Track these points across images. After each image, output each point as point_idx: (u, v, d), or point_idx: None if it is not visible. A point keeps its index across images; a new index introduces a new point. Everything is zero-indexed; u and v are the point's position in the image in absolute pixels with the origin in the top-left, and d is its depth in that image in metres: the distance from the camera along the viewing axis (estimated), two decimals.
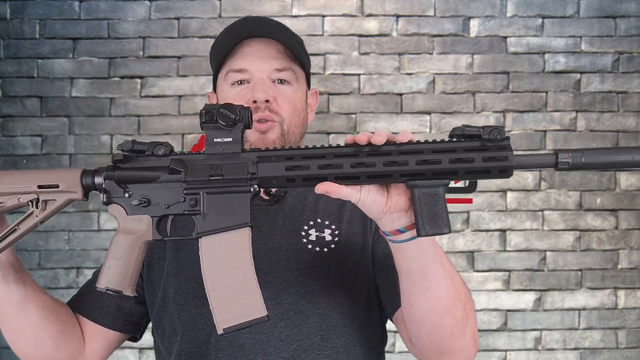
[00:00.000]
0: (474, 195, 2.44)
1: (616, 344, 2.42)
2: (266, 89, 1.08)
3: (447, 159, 0.82)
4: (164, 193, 0.87)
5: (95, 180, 0.87)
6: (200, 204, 0.86)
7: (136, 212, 0.87)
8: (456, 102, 2.46)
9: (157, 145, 0.87)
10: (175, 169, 0.85)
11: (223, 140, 0.87)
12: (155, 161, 0.87)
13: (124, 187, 0.87)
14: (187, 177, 0.85)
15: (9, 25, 2.45)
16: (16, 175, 0.87)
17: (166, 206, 0.87)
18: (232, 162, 0.85)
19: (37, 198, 0.85)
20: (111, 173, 0.86)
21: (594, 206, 2.45)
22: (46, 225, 2.43)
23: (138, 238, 0.87)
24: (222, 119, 0.86)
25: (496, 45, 2.47)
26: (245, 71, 1.10)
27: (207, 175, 0.85)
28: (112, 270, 0.87)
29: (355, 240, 1.10)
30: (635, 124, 2.46)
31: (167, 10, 2.46)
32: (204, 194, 0.86)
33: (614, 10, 2.47)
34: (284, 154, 0.85)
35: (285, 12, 2.45)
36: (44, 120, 2.44)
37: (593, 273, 2.43)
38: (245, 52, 1.10)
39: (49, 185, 0.85)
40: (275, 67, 1.10)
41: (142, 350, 2.38)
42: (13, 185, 0.85)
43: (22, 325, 0.96)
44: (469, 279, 2.41)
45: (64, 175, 0.86)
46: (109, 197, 0.88)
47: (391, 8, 2.46)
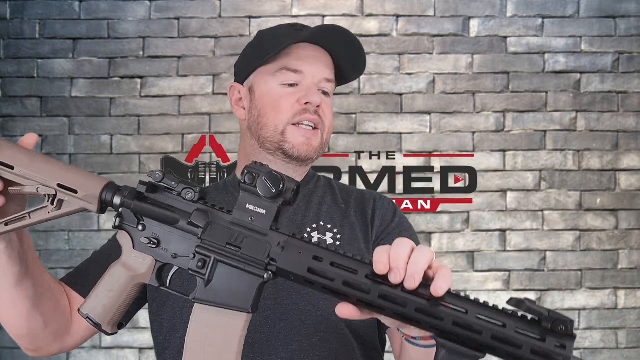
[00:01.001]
0: (474, 195, 2.44)
1: (616, 344, 2.42)
2: (318, 93, 1.08)
3: (490, 333, 0.67)
4: (177, 241, 0.80)
5: (114, 199, 0.81)
6: (207, 268, 0.78)
7: (142, 249, 0.81)
8: (456, 102, 2.46)
9: (187, 188, 0.80)
10: (194, 223, 0.79)
11: (255, 210, 0.77)
12: (180, 203, 0.80)
13: (139, 218, 0.81)
14: (204, 235, 0.78)
15: (9, 25, 2.45)
16: (44, 164, 0.83)
17: (174, 256, 0.80)
18: (256, 237, 0.77)
19: (54, 195, 0.82)
20: (129, 201, 0.80)
21: (594, 206, 2.45)
22: (46, 225, 2.44)
23: (134, 277, 0.82)
24: (263, 189, 0.76)
25: (496, 45, 2.47)
26: (301, 73, 1.08)
27: (224, 241, 0.77)
28: (99, 300, 0.83)
29: (358, 247, 1.10)
30: (635, 124, 2.46)
31: (167, 10, 2.46)
32: (214, 260, 0.78)
33: (614, 10, 2.47)
34: (314, 251, 0.74)
35: (285, 12, 2.45)
36: (44, 120, 2.44)
37: (593, 273, 2.43)
38: (302, 55, 1.09)
39: (68, 189, 0.81)
40: (326, 76, 1.10)
41: (142, 350, 2.38)
42: (36, 174, 0.82)
43: (17, 298, 0.94)
44: (469, 279, 2.41)
45: (86, 182, 0.82)
46: (121, 222, 0.82)
47: (391, 8, 2.46)
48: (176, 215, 0.80)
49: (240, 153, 1.18)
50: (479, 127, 2.46)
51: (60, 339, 1.03)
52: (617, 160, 2.45)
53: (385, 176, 2.44)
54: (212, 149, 2.44)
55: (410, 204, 2.43)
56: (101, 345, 2.39)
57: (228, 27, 2.46)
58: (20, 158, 0.83)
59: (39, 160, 0.83)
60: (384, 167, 2.44)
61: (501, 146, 2.46)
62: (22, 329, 0.98)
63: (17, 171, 0.82)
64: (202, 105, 2.45)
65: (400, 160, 2.45)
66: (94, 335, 1.09)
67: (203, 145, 2.44)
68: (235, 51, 2.44)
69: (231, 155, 2.44)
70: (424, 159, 2.45)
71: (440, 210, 2.43)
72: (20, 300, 0.94)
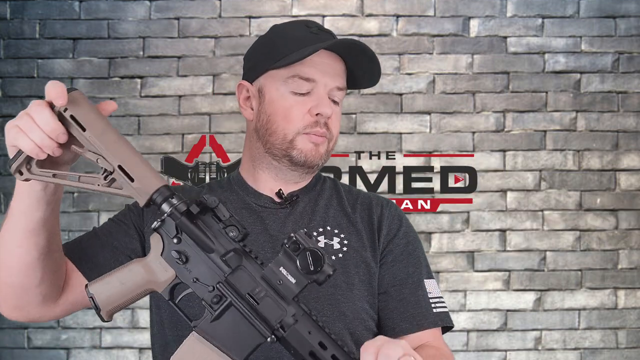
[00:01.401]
0: (474, 195, 2.44)
1: (616, 344, 2.42)
2: (329, 104, 1.07)
3: None
4: (203, 267, 0.81)
5: (163, 205, 0.80)
6: (220, 306, 0.80)
7: (169, 260, 0.82)
8: (456, 102, 2.46)
9: (233, 225, 0.80)
10: (226, 262, 0.80)
11: (286, 276, 0.78)
12: (221, 235, 0.81)
13: (178, 231, 0.81)
14: (230, 276, 0.79)
15: (9, 25, 2.45)
16: (114, 139, 0.81)
17: (194, 280, 0.81)
18: (276, 300, 0.79)
19: (111, 173, 0.81)
20: (178, 215, 0.80)
21: (594, 206, 2.45)
22: None
23: (150, 282, 0.83)
24: (302, 262, 0.77)
25: (496, 45, 2.47)
26: (313, 81, 1.06)
27: (247, 290, 0.79)
28: (109, 287, 0.83)
29: (365, 254, 1.10)
30: (635, 124, 2.46)
31: (167, 10, 2.46)
32: (230, 302, 0.79)
33: (614, 10, 2.47)
34: (322, 337, 0.78)
35: (285, 12, 2.45)
36: None
37: (593, 273, 2.43)
38: (316, 62, 1.06)
39: (127, 174, 0.80)
40: (338, 85, 1.08)
41: (142, 350, 2.38)
42: (103, 146, 0.80)
43: (27, 244, 0.90)
44: (469, 279, 2.42)
45: (145, 176, 0.80)
46: (161, 226, 0.82)
47: (391, 8, 2.46)
48: (214, 245, 0.80)
49: (245, 153, 1.16)
50: (479, 127, 2.46)
51: (47, 304, 0.98)
52: (617, 160, 2.45)
53: (385, 176, 2.44)
54: (212, 149, 2.44)
55: (410, 204, 2.43)
56: (101, 345, 2.39)
57: (228, 27, 2.46)
58: (95, 124, 0.81)
59: (111, 133, 0.82)
60: (384, 167, 2.45)
61: (501, 146, 2.46)
62: (17, 276, 0.92)
63: (87, 135, 0.80)
64: (202, 105, 2.45)
65: (400, 160, 2.45)
66: (77, 312, 1.06)
67: (203, 145, 2.44)
68: (235, 51, 2.44)
69: (231, 155, 2.44)
70: (424, 159, 2.45)
71: (440, 210, 2.43)
72: (29, 246, 0.90)
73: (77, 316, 2.39)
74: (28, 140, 0.78)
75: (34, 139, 0.78)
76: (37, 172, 0.82)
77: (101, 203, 2.41)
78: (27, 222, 0.88)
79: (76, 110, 0.80)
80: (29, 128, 0.78)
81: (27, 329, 2.39)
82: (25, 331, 2.38)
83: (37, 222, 0.88)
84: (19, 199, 0.87)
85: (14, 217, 0.89)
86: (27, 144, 0.78)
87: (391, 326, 1.09)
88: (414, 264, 1.13)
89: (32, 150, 0.78)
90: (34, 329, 2.39)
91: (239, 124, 2.43)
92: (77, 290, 1.01)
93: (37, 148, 0.78)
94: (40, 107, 0.78)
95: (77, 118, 0.80)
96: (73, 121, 0.80)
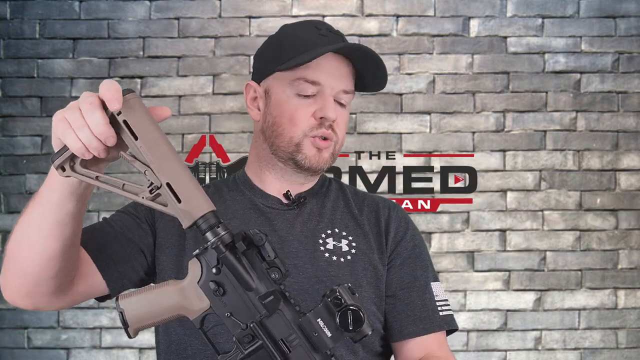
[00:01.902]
0: (474, 195, 2.44)
1: (616, 344, 2.42)
2: (334, 107, 1.06)
3: None
4: (239, 304, 0.78)
5: (207, 233, 0.77)
6: (251, 347, 0.77)
7: (206, 291, 0.79)
8: (456, 102, 2.46)
9: (275, 267, 0.77)
10: (265, 306, 0.77)
11: (323, 329, 0.76)
12: (263, 275, 0.78)
13: (220, 263, 0.78)
14: (267, 319, 0.77)
15: (9, 25, 2.45)
16: (166, 154, 0.77)
17: (228, 314, 0.78)
18: (309, 352, 0.77)
19: (157, 187, 0.77)
20: (222, 249, 0.76)
21: (594, 206, 2.45)
22: None
23: (183, 308, 0.80)
24: (342, 320, 0.75)
25: (496, 45, 2.47)
26: (318, 84, 1.05)
27: (281, 336, 0.77)
28: (139, 306, 0.80)
29: (373, 257, 1.10)
30: (635, 124, 2.46)
31: (167, 10, 2.46)
32: (261, 345, 0.77)
33: (614, 10, 2.47)
34: None
35: (285, 12, 2.45)
36: (44, 120, 2.44)
37: (593, 273, 2.43)
38: (322, 65, 1.05)
39: (174, 194, 0.76)
40: (344, 88, 1.07)
41: (142, 350, 2.38)
42: (154, 160, 0.76)
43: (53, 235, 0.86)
44: (469, 279, 2.41)
45: (193, 199, 0.76)
46: (202, 254, 0.79)
47: (391, 8, 2.46)
48: (254, 284, 0.77)
49: (252, 153, 1.16)
50: (479, 127, 2.46)
51: (58, 295, 0.95)
52: (617, 160, 2.45)
53: (385, 176, 2.44)
54: (212, 149, 2.44)
55: (410, 204, 2.43)
56: (101, 345, 2.39)
57: (228, 27, 2.46)
58: (148, 134, 0.77)
59: (163, 146, 0.77)
60: (384, 167, 2.45)
61: (501, 146, 2.46)
62: (36, 267, 0.89)
63: (138, 144, 0.76)
64: (202, 105, 2.45)
65: (400, 160, 2.45)
66: (80, 303, 1.03)
67: (203, 145, 2.44)
68: (235, 51, 2.44)
69: (231, 155, 2.44)
70: (424, 159, 2.45)
71: (440, 210, 2.43)
72: (55, 238, 0.86)
73: (77, 316, 2.39)
74: (75, 138, 0.74)
75: (82, 139, 0.74)
76: (80, 171, 0.79)
77: (101, 203, 2.41)
78: (58, 214, 0.84)
79: (130, 116, 0.76)
80: (78, 125, 0.74)
81: (27, 329, 2.39)
82: (25, 331, 2.38)
83: (67, 214, 0.85)
84: (51, 189, 0.84)
85: (43, 207, 0.85)
86: (74, 143, 0.74)
87: (398, 329, 1.09)
88: (421, 267, 1.13)
89: (79, 149, 0.75)
90: (34, 329, 2.39)
91: (239, 124, 2.44)
92: (88, 281, 0.99)
93: (83, 148, 0.75)
94: (92, 107, 0.74)
95: (130, 124, 0.76)
96: (125, 127, 0.76)
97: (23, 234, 0.88)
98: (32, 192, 2.40)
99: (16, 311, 2.38)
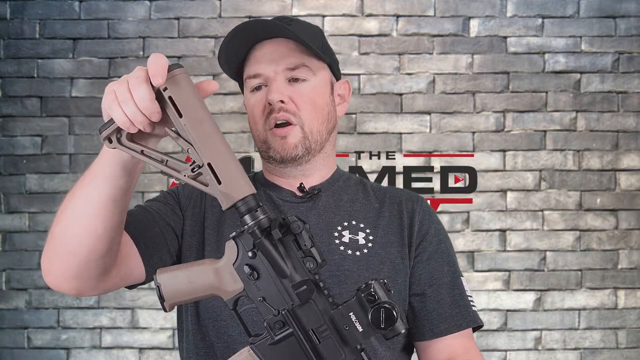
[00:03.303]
0: (474, 195, 2.44)
1: (616, 344, 2.42)
2: (280, 89, 1.05)
3: None
4: (272, 290, 0.78)
5: (246, 215, 0.76)
6: (281, 333, 0.77)
7: (240, 274, 0.79)
8: (456, 102, 2.46)
9: (311, 257, 0.77)
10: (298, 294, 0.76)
11: (354, 323, 0.75)
12: (298, 264, 0.77)
13: (255, 248, 0.77)
14: (299, 308, 0.77)
15: (9, 25, 2.45)
16: (210, 133, 0.77)
17: (261, 299, 0.78)
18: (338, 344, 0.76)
19: (199, 166, 0.76)
20: (258, 234, 0.76)
21: (594, 206, 2.45)
22: (46, 225, 2.44)
23: (217, 288, 0.80)
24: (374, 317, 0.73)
25: (496, 45, 2.47)
26: (260, 75, 1.06)
27: (312, 325, 0.76)
28: (177, 282, 0.81)
29: (391, 250, 1.08)
30: (635, 124, 2.46)
31: (167, 10, 2.46)
32: (292, 333, 0.77)
33: (614, 10, 2.47)
34: None
35: (285, 12, 2.45)
36: (44, 120, 2.44)
37: (593, 273, 2.43)
38: (257, 56, 1.07)
39: (215, 175, 0.76)
40: (287, 66, 1.06)
41: (142, 350, 2.38)
42: (197, 139, 0.76)
43: (104, 213, 0.86)
44: (469, 279, 2.41)
45: (233, 181, 0.76)
46: (239, 235, 0.79)
47: (391, 8, 2.46)
48: (288, 272, 0.77)
49: None
50: (479, 127, 2.46)
51: (103, 277, 0.93)
52: (617, 160, 2.45)
53: (385, 176, 2.44)
54: None
55: None
56: (101, 345, 2.39)
57: (228, 27, 2.45)
58: (193, 111, 0.77)
59: (208, 125, 0.77)
60: (384, 167, 2.45)
61: (501, 146, 2.46)
62: (86, 246, 0.87)
63: (182, 122, 0.76)
64: None
65: (400, 160, 2.45)
66: (117, 289, 1.02)
67: None
68: None
69: None
70: (424, 159, 2.45)
71: (440, 210, 2.43)
72: (105, 215, 0.85)
73: (77, 316, 2.39)
74: (121, 111, 0.74)
75: (127, 112, 0.74)
76: (126, 144, 0.79)
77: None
78: (110, 189, 0.84)
79: (176, 92, 0.76)
80: (124, 99, 0.74)
81: (27, 329, 2.39)
82: (25, 331, 2.38)
83: (119, 189, 0.85)
84: (103, 164, 0.83)
85: (94, 183, 0.85)
86: (120, 116, 0.74)
87: (429, 327, 1.07)
88: (448, 262, 1.12)
89: (124, 123, 0.75)
90: (34, 329, 2.39)
91: (239, 124, 2.43)
92: (129, 264, 0.99)
93: (128, 122, 0.75)
94: (139, 81, 0.73)
95: (175, 101, 0.76)
96: (171, 103, 0.76)
97: (72, 212, 0.87)
98: (32, 192, 2.41)
99: (16, 311, 2.38)
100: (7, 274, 2.38)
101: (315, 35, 1.12)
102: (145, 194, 2.39)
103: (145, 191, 2.40)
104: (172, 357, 2.37)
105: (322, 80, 1.10)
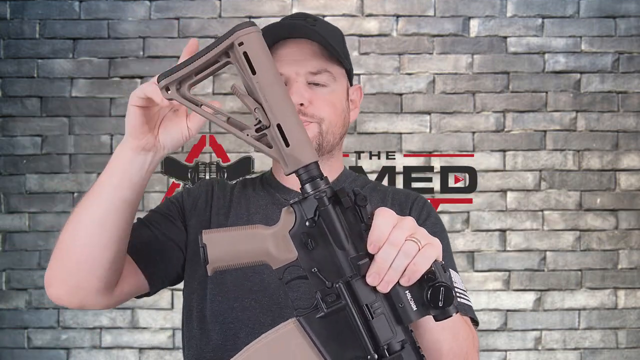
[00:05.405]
0: (474, 195, 2.44)
1: (616, 344, 2.42)
2: (301, 91, 1.05)
3: None
4: (328, 261, 0.74)
5: (307, 184, 0.74)
6: (334, 307, 0.73)
7: (296, 242, 0.75)
8: (456, 102, 2.46)
9: None
10: (357, 267, 0.72)
11: (409, 301, 0.72)
12: (358, 237, 0.73)
13: (316, 215, 0.74)
14: (355, 281, 0.72)
15: (9, 25, 2.45)
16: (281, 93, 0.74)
17: (315, 270, 0.74)
18: (391, 320, 0.73)
19: (265, 127, 0.74)
20: (325, 201, 0.73)
21: (594, 206, 2.45)
22: (46, 225, 2.44)
23: (268, 255, 0.76)
24: (433, 296, 0.71)
25: (496, 45, 2.47)
26: (285, 75, 1.06)
27: (366, 301, 0.72)
28: (224, 244, 0.76)
29: None
30: (635, 124, 2.46)
31: (167, 10, 2.46)
32: (344, 306, 0.73)
33: (614, 10, 2.47)
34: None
35: (285, 12, 2.45)
36: (44, 120, 2.44)
37: (593, 273, 2.43)
38: (280, 54, 1.07)
39: (284, 137, 0.73)
40: (309, 69, 1.06)
41: (142, 350, 2.38)
42: (270, 99, 0.73)
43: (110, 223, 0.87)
44: (469, 279, 2.41)
45: (300, 146, 0.73)
46: (301, 202, 0.75)
47: (391, 8, 2.46)
48: (348, 244, 0.73)
49: None
50: (479, 127, 2.46)
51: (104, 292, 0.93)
52: (617, 160, 2.45)
53: (385, 176, 2.44)
54: (212, 149, 2.44)
55: None
56: (101, 345, 2.39)
57: (228, 27, 2.43)
58: (267, 71, 0.74)
59: (279, 87, 0.74)
60: (384, 167, 2.45)
61: (501, 146, 2.46)
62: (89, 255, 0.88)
63: (255, 79, 0.73)
64: None
65: (400, 160, 2.45)
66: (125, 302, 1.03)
67: (203, 145, 2.44)
68: None
69: (231, 155, 2.44)
70: (424, 159, 2.45)
71: (440, 210, 2.43)
72: (111, 225, 0.87)
73: (77, 316, 2.39)
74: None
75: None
76: (186, 95, 0.77)
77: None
78: (114, 200, 0.86)
79: (251, 49, 0.73)
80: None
81: (27, 329, 2.39)
82: (25, 331, 2.38)
83: (124, 201, 0.87)
84: (111, 174, 0.86)
85: (100, 193, 0.87)
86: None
87: None
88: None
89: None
90: (34, 329, 2.39)
91: None
92: (131, 281, 1.00)
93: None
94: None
95: (250, 57, 0.73)
96: (245, 59, 0.73)
97: (79, 221, 0.89)
98: (32, 192, 2.41)
99: (16, 311, 2.38)
100: (7, 274, 2.38)
101: (338, 38, 1.12)
102: (146, 194, 2.40)
103: (145, 191, 2.40)
104: (172, 357, 2.37)
105: (341, 86, 1.12)
